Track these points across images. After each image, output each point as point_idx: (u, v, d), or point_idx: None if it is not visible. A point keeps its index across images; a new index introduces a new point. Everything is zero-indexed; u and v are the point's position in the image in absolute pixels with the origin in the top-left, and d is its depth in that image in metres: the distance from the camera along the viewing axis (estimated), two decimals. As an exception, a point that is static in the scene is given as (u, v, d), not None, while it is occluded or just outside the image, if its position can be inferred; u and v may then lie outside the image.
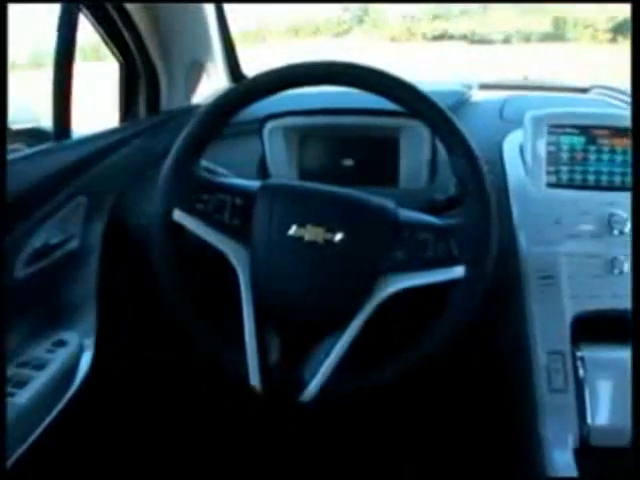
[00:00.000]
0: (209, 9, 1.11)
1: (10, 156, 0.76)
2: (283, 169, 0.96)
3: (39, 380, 0.78)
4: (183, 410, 1.10)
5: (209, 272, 0.74)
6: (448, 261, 0.63)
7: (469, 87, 1.09)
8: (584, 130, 0.84)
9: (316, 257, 0.63)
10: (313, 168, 0.97)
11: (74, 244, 0.88)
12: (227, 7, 1.16)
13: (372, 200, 0.66)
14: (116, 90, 1.08)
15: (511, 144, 0.92)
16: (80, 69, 0.88)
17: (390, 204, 0.66)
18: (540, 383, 0.78)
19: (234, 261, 0.65)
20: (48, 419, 0.78)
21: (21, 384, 0.76)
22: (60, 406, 0.80)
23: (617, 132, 0.83)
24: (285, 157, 0.96)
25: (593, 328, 0.79)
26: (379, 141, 0.95)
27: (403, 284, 0.63)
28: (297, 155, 0.97)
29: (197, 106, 1.13)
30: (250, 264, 0.65)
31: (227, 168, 0.77)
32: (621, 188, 0.82)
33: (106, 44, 1.03)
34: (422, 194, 0.83)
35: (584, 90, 1.16)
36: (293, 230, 0.64)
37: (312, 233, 0.63)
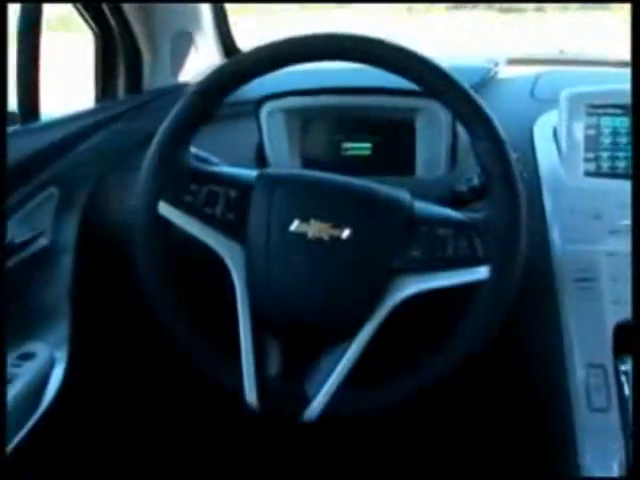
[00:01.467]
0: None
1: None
2: (283, 157, 0.97)
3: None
4: (171, 430, 1.10)
5: (199, 274, 0.75)
6: (471, 261, 0.63)
7: (495, 63, 1.10)
8: (629, 110, 0.84)
9: (321, 256, 0.64)
10: (317, 155, 0.98)
11: (44, 242, 0.88)
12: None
13: (384, 191, 0.66)
14: (91, 65, 1.08)
15: (543, 127, 0.92)
16: (47, 41, 0.88)
17: (405, 196, 0.67)
18: (578, 401, 0.78)
19: (228, 261, 0.66)
20: (14, 441, 0.78)
21: (-18, 403, 0.75)
22: (27, 428, 0.81)
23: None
24: (286, 143, 0.97)
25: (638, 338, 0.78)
26: (393, 125, 0.96)
27: (419, 287, 0.64)
28: (299, 141, 0.98)
29: (185, 85, 1.13)
30: (246, 264, 0.66)
31: (219, 156, 0.77)
32: None
33: (78, 11, 1.02)
34: (441, 184, 0.83)
35: (628, 64, 1.15)
36: (295, 226, 0.64)
37: (316, 229, 0.64)
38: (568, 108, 0.85)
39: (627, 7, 0.75)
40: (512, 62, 1.14)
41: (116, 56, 1.07)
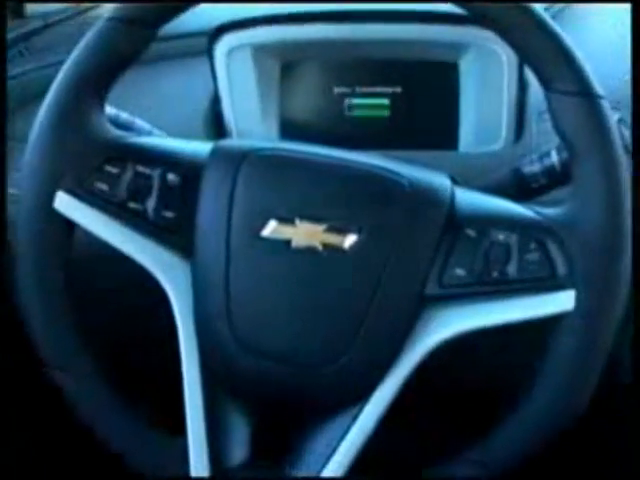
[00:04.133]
0: None
1: None
2: (251, 120, 0.93)
3: None
4: None
5: (121, 304, 0.73)
6: (546, 283, 0.60)
7: None
8: None
9: (311, 277, 0.61)
10: (306, 118, 0.95)
11: None
12: None
13: (409, 175, 0.63)
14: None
15: None
16: None
17: (442, 182, 0.63)
18: None
19: (166, 284, 0.64)
20: None
21: None
22: None
23: None
24: (256, 98, 0.93)
25: None
26: (424, 70, 0.93)
27: (465, 324, 0.61)
28: (277, 94, 0.94)
29: (93, 7, 1.09)
30: (194, 290, 0.63)
31: (152, 120, 0.76)
32: None
33: None
34: (499, 163, 0.80)
35: None
36: (270, 229, 0.61)
37: (304, 234, 0.61)
38: None
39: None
40: None
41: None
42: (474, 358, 0.78)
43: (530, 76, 0.84)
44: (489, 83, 0.91)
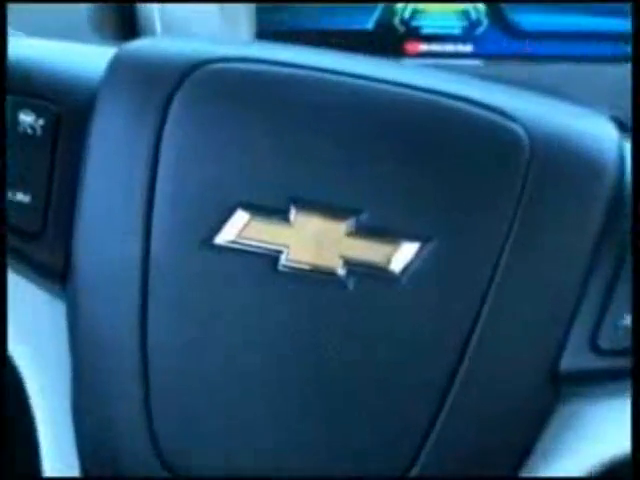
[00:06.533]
0: None
1: None
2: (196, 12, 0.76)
3: None
4: None
5: None
6: None
7: None
8: None
9: (318, 331, 0.42)
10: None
11: None
12: None
13: (527, 115, 0.43)
14: None
15: None
16: None
17: (602, 129, 0.45)
18: None
19: (13, 346, 0.48)
20: None
21: None
22: None
23: None
24: None
25: None
26: None
27: None
28: None
29: None
30: (72, 355, 0.46)
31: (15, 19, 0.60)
32: None
33: None
34: None
35: None
36: (235, 228, 0.41)
37: (305, 240, 0.42)
38: None
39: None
40: None
41: None
42: None
43: None
44: None
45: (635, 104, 0.65)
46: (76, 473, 0.45)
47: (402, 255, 0.40)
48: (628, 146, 0.47)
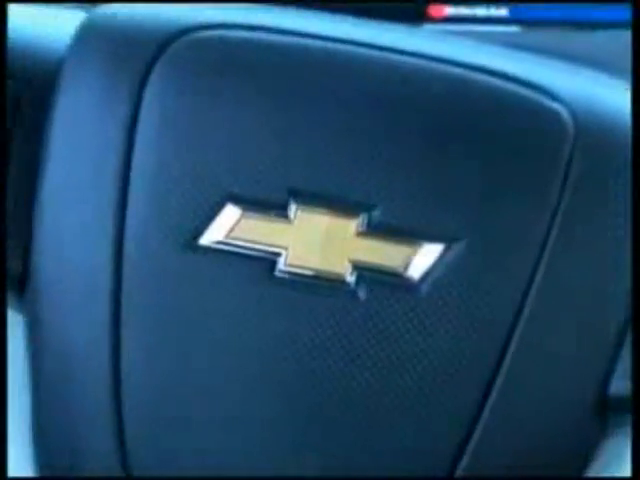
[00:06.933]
0: None
1: None
2: None
3: None
4: None
5: None
6: None
7: None
8: None
9: (322, 343, 0.39)
10: None
11: None
12: None
13: (570, 92, 0.41)
14: None
15: None
16: None
17: None
18: None
19: None
20: None
21: None
22: None
23: None
24: None
25: None
26: None
27: None
28: None
29: None
30: (31, 369, 0.43)
31: None
32: None
33: None
34: None
35: None
36: (224, 226, 0.39)
37: (308, 241, 0.39)
38: None
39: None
40: None
41: None
42: None
43: None
44: None
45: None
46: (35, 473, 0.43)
47: (422, 259, 0.36)
48: None
